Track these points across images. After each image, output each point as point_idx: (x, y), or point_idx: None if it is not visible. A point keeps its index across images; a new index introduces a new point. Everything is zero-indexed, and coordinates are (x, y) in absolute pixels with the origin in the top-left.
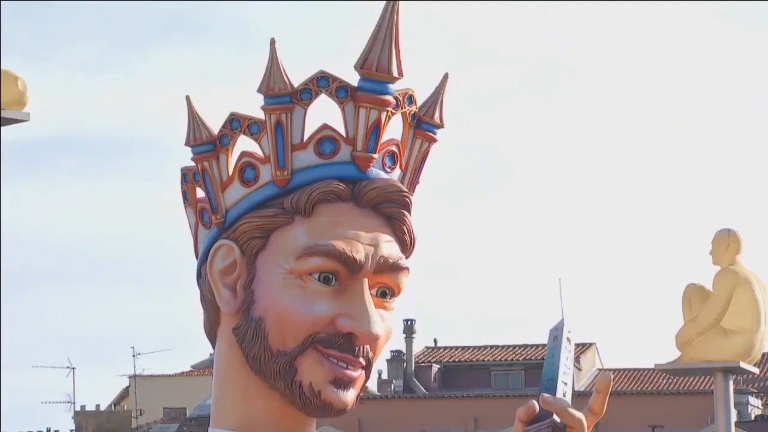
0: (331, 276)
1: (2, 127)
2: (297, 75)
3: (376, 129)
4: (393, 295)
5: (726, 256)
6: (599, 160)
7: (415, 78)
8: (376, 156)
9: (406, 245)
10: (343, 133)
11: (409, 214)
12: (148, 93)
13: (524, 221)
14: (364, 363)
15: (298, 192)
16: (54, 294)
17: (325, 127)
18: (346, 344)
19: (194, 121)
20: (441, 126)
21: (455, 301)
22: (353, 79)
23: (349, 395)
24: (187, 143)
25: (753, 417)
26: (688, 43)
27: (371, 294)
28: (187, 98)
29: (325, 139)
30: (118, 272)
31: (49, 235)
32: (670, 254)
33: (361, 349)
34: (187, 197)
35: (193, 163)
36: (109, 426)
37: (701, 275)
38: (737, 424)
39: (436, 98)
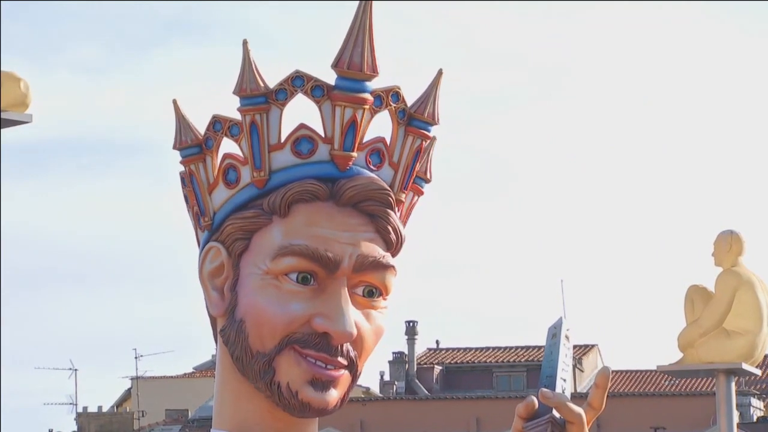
0: (309, 276)
1: (4, 129)
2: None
3: (352, 127)
4: (381, 294)
5: (728, 258)
6: (601, 162)
7: (419, 78)
8: (354, 154)
9: (391, 243)
10: (321, 133)
11: (394, 211)
12: (150, 94)
13: (526, 222)
14: (345, 362)
15: (275, 192)
16: (56, 295)
17: (301, 126)
18: (322, 344)
19: (181, 124)
20: (434, 122)
21: (457, 303)
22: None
23: (330, 395)
24: (174, 146)
25: (755, 419)
26: (690, 44)
27: (358, 294)
28: (174, 102)
29: (302, 138)
30: (120, 274)
31: (51, 237)
32: (672, 256)
33: (340, 348)
34: (188, 200)
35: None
36: (112, 428)
37: (703, 276)
38: (739, 425)
39: (428, 95)
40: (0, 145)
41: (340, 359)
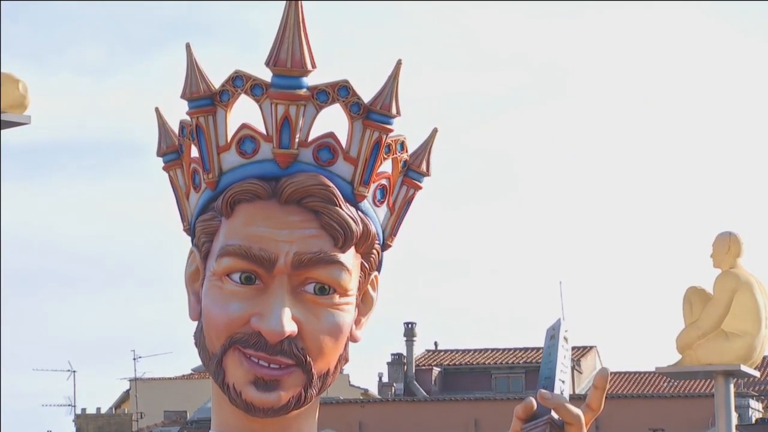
0: (253, 276)
1: (3, 130)
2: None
3: (286, 123)
4: (335, 291)
5: (727, 259)
6: (601, 162)
7: (419, 78)
8: (295, 151)
9: (338, 239)
10: (263, 131)
11: (339, 206)
12: (151, 96)
13: (525, 223)
14: (290, 361)
15: (221, 194)
16: (55, 297)
17: (243, 126)
18: (260, 343)
19: (161, 131)
20: (390, 114)
21: (456, 304)
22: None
23: (275, 395)
24: (157, 153)
25: (754, 420)
26: (690, 44)
27: (308, 291)
28: (156, 109)
29: (245, 138)
30: (119, 275)
31: (50, 238)
32: (670, 257)
33: (280, 346)
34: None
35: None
36: (110, 429)
37: (702, 278)
38: (738, 427)
39: (384, 87)
40: None
41: (281, 358)
